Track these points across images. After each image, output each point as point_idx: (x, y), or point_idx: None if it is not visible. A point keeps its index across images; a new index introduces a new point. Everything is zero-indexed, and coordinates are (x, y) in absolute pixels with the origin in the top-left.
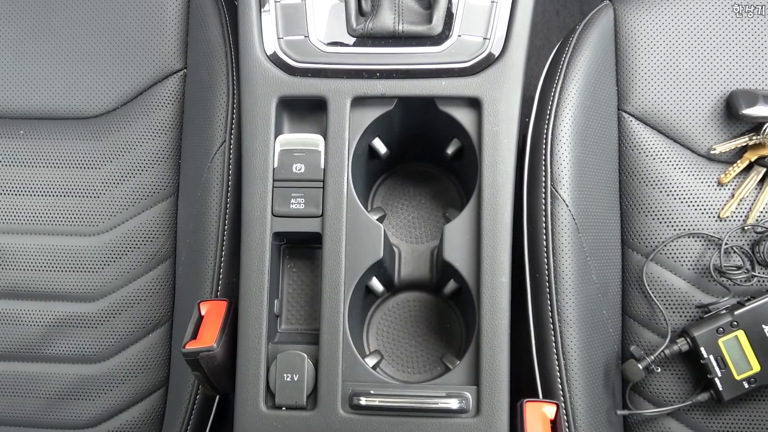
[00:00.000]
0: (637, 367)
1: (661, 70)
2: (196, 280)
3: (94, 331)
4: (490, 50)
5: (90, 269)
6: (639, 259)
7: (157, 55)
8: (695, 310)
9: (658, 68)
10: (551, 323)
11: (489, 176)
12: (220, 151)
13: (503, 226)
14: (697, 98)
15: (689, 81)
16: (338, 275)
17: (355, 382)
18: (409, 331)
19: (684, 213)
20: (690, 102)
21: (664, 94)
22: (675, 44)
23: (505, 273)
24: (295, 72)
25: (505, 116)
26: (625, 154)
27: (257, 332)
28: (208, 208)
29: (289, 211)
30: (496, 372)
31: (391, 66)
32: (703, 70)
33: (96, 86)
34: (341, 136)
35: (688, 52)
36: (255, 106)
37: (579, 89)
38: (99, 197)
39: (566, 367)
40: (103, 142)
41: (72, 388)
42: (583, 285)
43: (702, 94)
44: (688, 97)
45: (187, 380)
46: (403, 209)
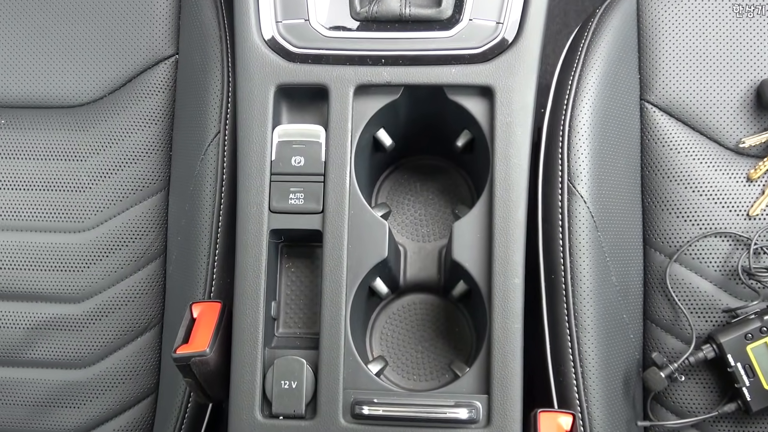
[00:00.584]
0: (660, 376)
1: (686, 58)
2: (188, 280)
3: (78, 335)
4: (503, 35)
5: (75, 268)
6: (662, 259)
7: (147, 40)
8: (722, 314)
9: (684, 55)
10: (567, 328)
11: (501, 170)
12: (213, 142)
13: (516, 223)
14: (725, 87)
15: (717, 69)
16: (340, 276)
17: (358, 390)
18: (415, 336)
19: (710, 210)
20: (718, 91)
21: (689, 83)
22: (702, 29)
23: (518, 274)
24: (294, 58)
25: (519, 106)
26: (647, 147)
27: (253, 336)
28: (201, 204)
29: (287, 207)
30: (509, 380)
31: (397, 52)
32: (732, 57)
33: (81, 73)
34: (343, 126)
35: (716, 37)
36: (251, 95)
37: (598, 77)
38: (84, 191)
39: (583, 375)
40: (89, 132)
41: (55, 395)
42: (601, 287)
43: (731, 83)
44: (716, 86)
45: (178, 387)
46: (409, 205)
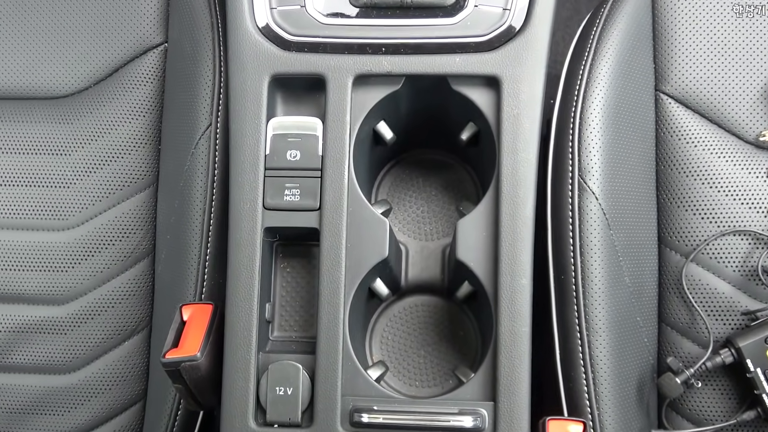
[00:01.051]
0: (675, 382)
1: (704, 46)
2: (178, 281)
3: (62, 338)
4: (510, 22)
5: (58, 268)
6: (678, 259)
7: (134, 27)
8: (741, 317)
9: (702, 43)
10: (578, 331)
11: (508, 165)
12: (205, 135)
13: (524, 221)
14: (745, 78)
15: (737, 58)
16: (338, 276)
17: (357, 397)
18: (418, 340)
19: (729, 207)
20: (737, 82)
21: (707, 73)
22: (721, 16)
23: (526, 274)
24: (289, 46)
25: (527, 97)
26: (663, 140)
27: (246, 340)
28: (192, 200)
29: (282, 204)
30: (516, 386)
31: (399, 40)
32: (753, 45)
33: (65, 62)
34: (342, 119)
35: (736, 25)
36: (245, 85)
37: (611, 67)
38: (69, 187)
39: (595, 381)
40: (74, 125)
41: (37, 401)
42: (614, 288)
43: (751, 74)
44: (735, 76)
45: (168, 394)
46: (411, 202)
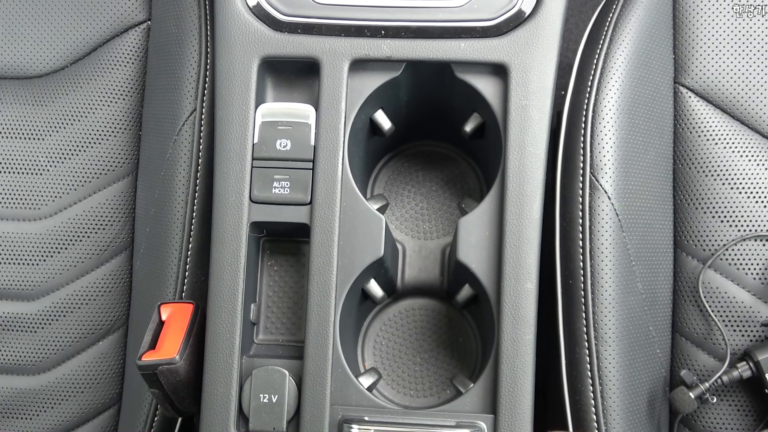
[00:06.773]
0: (689, 396)
1: (728, 36)
2: (157, 277)
3: (32, 337)
4: (520, 6)
5: (29, 261)
6: (695, 265)
7: (116, 3)
8: (761, 328)
9: (725, 33)
10: (586, 341)
11: (515, 160)
12: (188, 121)
13: (531, 221)
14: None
15: (762, 50)
16: (329, 276)
17: (346, 407)
18: (413, 346)
19: (751, 210)
20: (762, 76)
21: (730, 66)
22: (746, 4)
23: (531, 278)
24: (281, 27)
25: (536, 87)
26: (681, 136)
27: (229, 343)
28: (173, 191)
29: (270, 197)
30: (518, 397)
31: (400, 23)
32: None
33: (39, 39)
34: (336, 106)
35: (762, 13)
36: (232, 68)
37: (627, 57)
38: (41, 174)
39: (603, 394)
40: (48, 107)
41: (3, 404)
42: (625, 295)
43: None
44: (760, 69)
45: (144, 398)
46: (409, 198)
